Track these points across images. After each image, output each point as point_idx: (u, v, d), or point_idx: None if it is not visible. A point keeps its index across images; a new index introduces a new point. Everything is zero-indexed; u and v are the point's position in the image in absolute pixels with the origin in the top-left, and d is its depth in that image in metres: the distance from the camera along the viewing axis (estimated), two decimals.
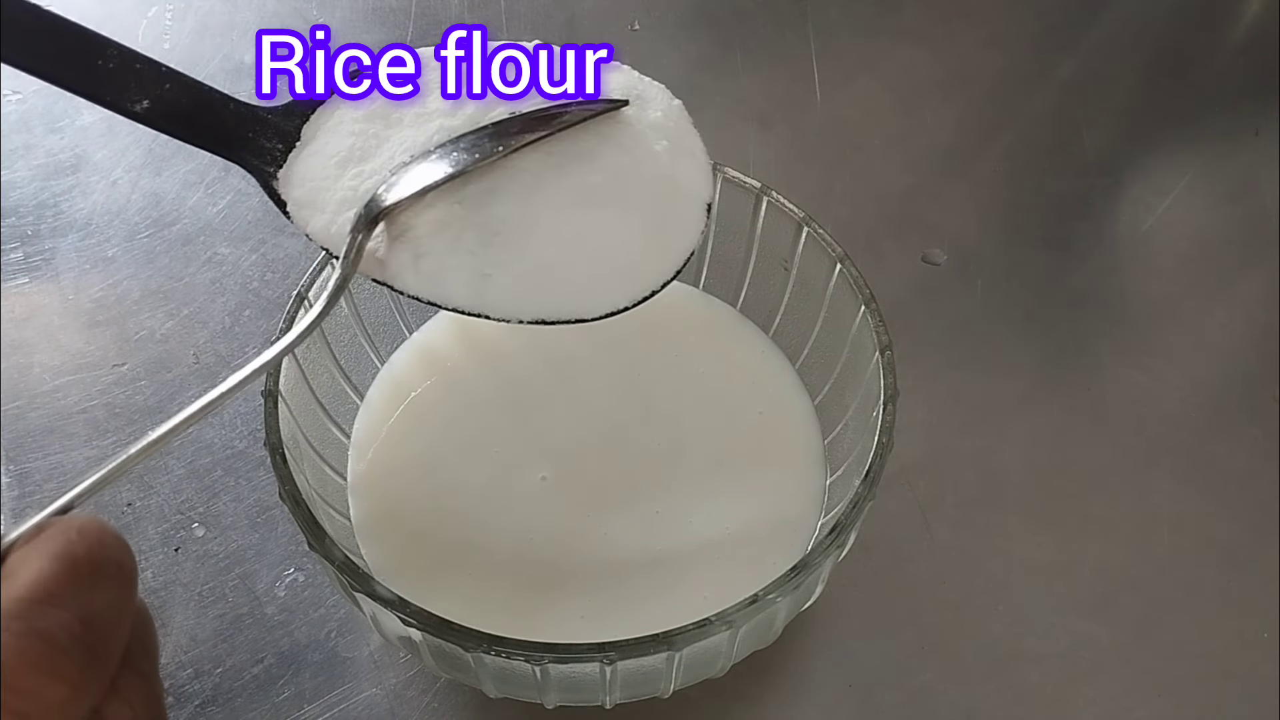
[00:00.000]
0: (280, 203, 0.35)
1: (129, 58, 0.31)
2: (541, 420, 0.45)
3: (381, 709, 0.42)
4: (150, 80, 0.32)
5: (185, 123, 0.33)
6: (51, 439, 0.48)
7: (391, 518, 0.42)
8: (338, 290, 0.32)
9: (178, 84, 0.32)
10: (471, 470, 0.43)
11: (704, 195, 0.37)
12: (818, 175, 0.61)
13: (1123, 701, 0.44)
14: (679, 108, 0.38)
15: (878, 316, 0.41)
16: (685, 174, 0.37)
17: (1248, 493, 0.50)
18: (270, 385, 0.38)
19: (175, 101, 0.32)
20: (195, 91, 0.33)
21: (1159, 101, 0.67)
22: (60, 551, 0.21)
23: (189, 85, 0.33)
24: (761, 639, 0.39)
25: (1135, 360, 0.54)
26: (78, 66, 0.30)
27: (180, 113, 0.33)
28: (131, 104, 0.31)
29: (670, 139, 0.37)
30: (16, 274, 0.54)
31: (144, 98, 0.32)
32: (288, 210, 0.35)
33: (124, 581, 0.22)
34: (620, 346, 0.47)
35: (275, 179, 0.35)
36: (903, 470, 0.49)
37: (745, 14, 0.69)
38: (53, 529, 0.22)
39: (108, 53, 0.31)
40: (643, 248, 0.35)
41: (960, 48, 0.69)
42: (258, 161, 0.35)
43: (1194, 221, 0.60)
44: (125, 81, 0.31)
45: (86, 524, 0.22)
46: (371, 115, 0.35)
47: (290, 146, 0.35)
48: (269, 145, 0.35)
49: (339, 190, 0.34)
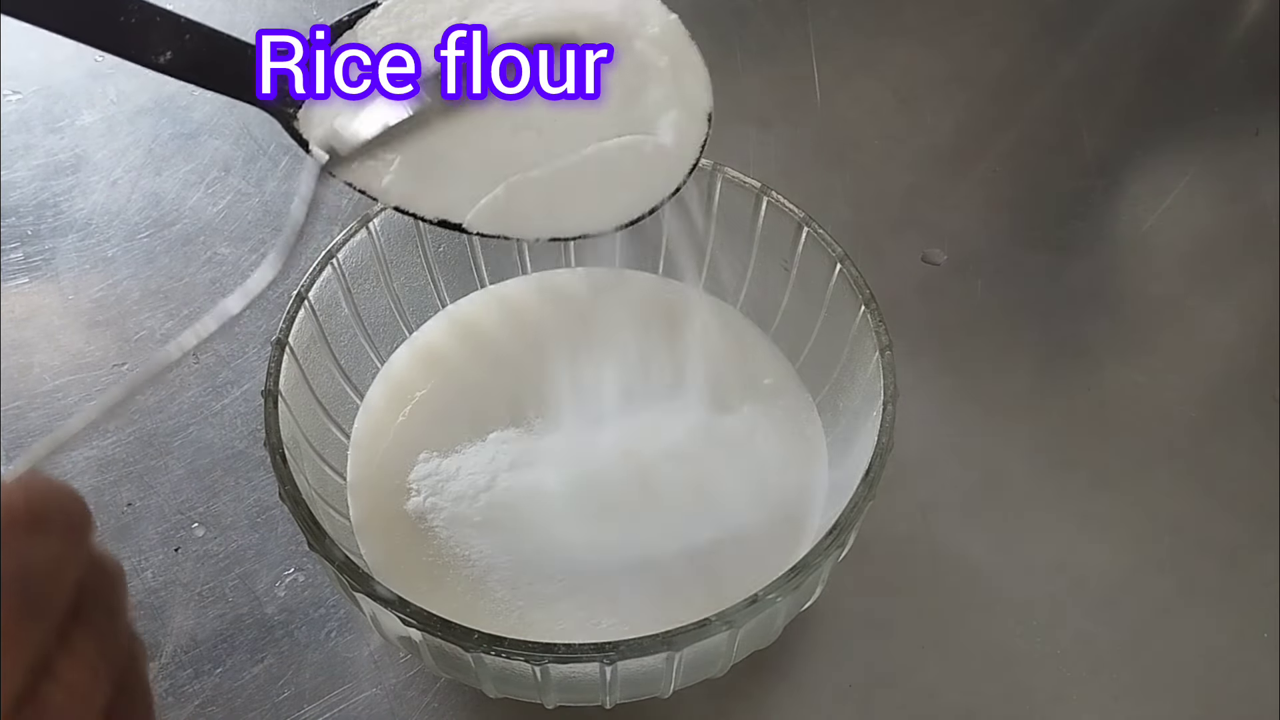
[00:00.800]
0: (303, 142, 0.35)
1: (149, 11, 0.32)
2: (542, 420, 0.45)
3: (381, 709, 0.42)
4: (171, 32, 0.33)
5: (208, 71, 0.34)
6: None
7: (391, 518, 0.42)
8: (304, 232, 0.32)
9: (197, 34, 0.33)
10: (472, 470, 0.43)
11: (705, 105, 0.38)
12: (818, 175, 0.61)
13: (1123, 701, 0.44)
14: (675, 22, 0.39)
15: (878, 316, 0.41)
16: (687, 87, 0.38)
17: (1248, 493, 0.50)
18: (270, 385, 0.38)
19: (196, 51, 0.33)
20: (214, 40, 0.34)
21: (1159, 101, 0.67)
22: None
23: (208, 34, 0.34)
24: (761, 639, 0.39)
25: (1135, 360, 0.54)
26: (102, 23, 0.31)
27: (202, 61, 0.33)
28: (155, 55, 0.32)
29: (670, 54, 0.38)
30: (16, 274, 0.54)
31: (166, 49, 0.33)
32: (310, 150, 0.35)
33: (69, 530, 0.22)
34: (620, 346, 0.47)
35: (295, 119, 0.35)
36: (903, 470, 0.49)
37: (745, 14, 0.69)
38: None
39: (129, 7, 0.32)
40: (649, 164, 0.36)
41: (960, 48, 0.69)
42: (278, 104, 0.35)
43: (1194, 221, 0.60)
44: (147, 34, 0.32)
45: (30, 477, 0.22)
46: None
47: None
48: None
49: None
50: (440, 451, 0.44)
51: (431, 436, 0.44)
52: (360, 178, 0.35)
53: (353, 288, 0.44)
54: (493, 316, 0.49)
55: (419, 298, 0.48)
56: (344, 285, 0.43)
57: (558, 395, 0.45)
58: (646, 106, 0.37)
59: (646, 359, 0.47)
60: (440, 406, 0.45)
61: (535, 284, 0.50)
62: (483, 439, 0.44)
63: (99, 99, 0.62)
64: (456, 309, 0.49)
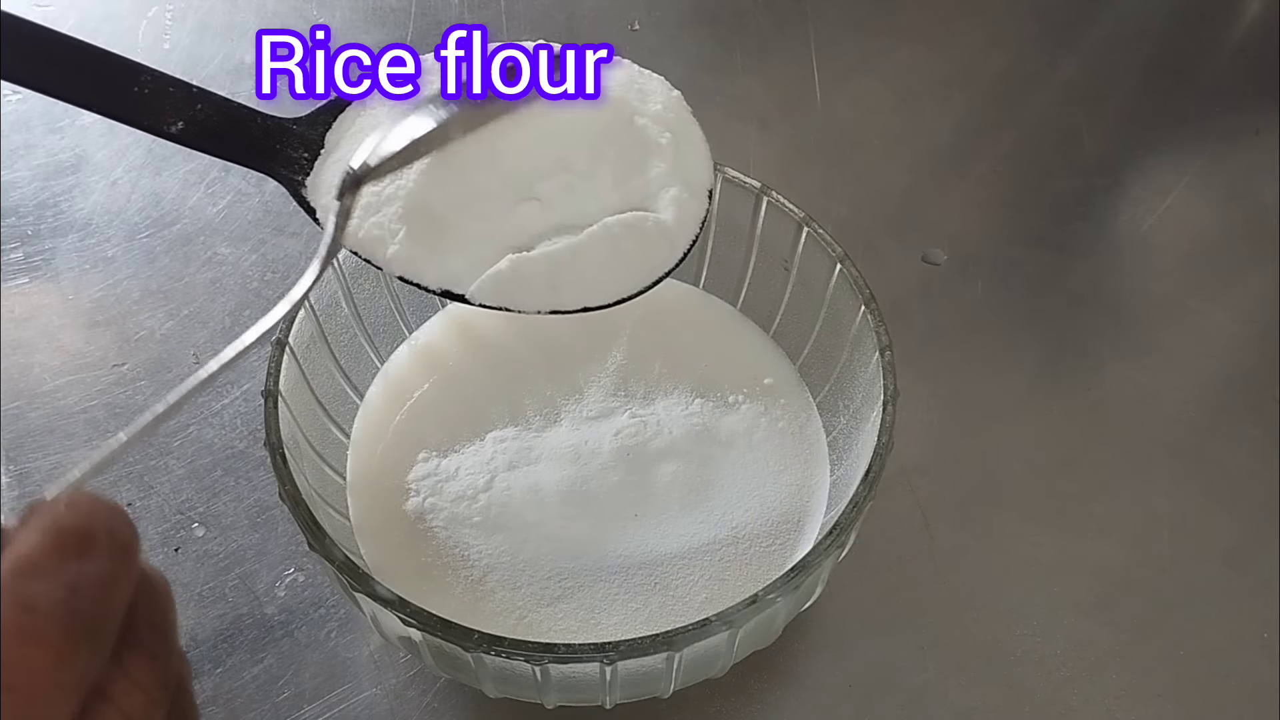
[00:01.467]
0: (310, 209, 0.36)
1: (162, 82, 0.33)
2: (541, 419, 0.45)
3: (381, 709, 0.42)
4: (183, 102, 0.33)
5: (218, 140, 0.34)
6: (51, 439, 0.48)
7: (391, 517, 0.42)
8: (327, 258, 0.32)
9: (208, 103, 0.34)
10: (471, 470, 0.43)
11: (706, 183, 0.38)
12: (818, 175, 0.61)
13: (1123, 702, 0.44)
14: (678, 99, 0.39)
15: (878, 316, 0.41)
16: (689, 165, 0.38)
17: (1248, 493, 0.50)
18: (270, 385, 0.38)
19: (207, 121, 0.34)
20: (225, 109, 0.34)
21: (1159, 101, 0.67)
22: (46, 525, 0.21)
23: (219, 104, 0.34)
24: (761, 639, 0.39)
25: (1135, 360, 0.54)
26: (116, 95, 0.32)
27: (212, 131, 0.34)
28: (167, 126, 0.33)
29: (672, 130, 0.37)
30: (16, 274, 0.54)
31: (178, 119, 0.33)
32: (317, 217, 0.36)
33: (117, 550, 0.22)
34: (621, 346, 0.47)
35: (304, 187, 0.36)
36: (903, 470, 0.49)
37: (745, 14, 0.69)
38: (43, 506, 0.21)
39: (142, 79, 0.32)
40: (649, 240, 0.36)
41: (961, 48, 0.69)
42: (286, 171, 0.36)
43: (1194, 221, 0.60)
44: (160, 105, 0.33)
45: (76, 497, 0.22)
46: (389, 120, 0.36)
47: (315, 154, 0.36)
48: (296, 155, 0.36)
49: (364, 196, 0.35)
50: (439, 451, 0.44)
51: (431, 436, 0.44)
52: (366, 247, 0.35)
53: (352, 288, 0.44)
54: (492, 316, 0.49)
55: (419, 298, 0.48)
56: (344, 285, 0.43)
57: (557, 395, 0.45)
58: (648, 182, 0.37)
59: (646, 359, 0.47)
60: (440, 406, 0.45)
61: None
62: (481, 439, 0.44)
63: None
64: (456, 308, 0.49)
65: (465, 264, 0.35)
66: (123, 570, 0.22)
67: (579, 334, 0.47)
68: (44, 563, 0.20)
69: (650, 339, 0.47)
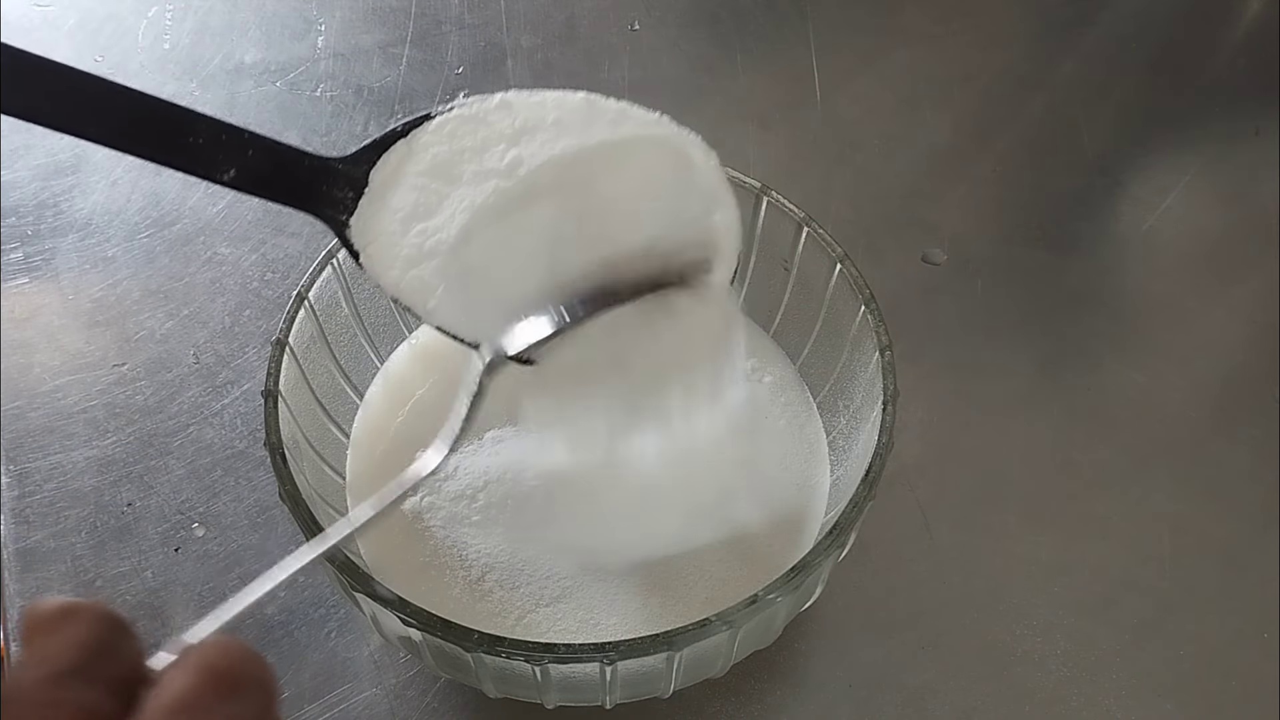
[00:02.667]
0: (354, 251, 0.36)
1: (215, 130, 0.33)
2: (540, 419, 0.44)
3: (381, 709, 0.42)
4: (235, 149, 0.34)
5: (266, 184, 0.35)
6: (51, 439, 0.48)
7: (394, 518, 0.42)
8: (468, 423, 0.34)
9: (259, 148, 0.34)
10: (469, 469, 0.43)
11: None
12: (818, 175, 0.61)
13: (1123, 702, 0.44)
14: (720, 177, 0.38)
15: (878, 316, 0.41)
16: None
17: (1248, 493, 0.50)
18: (270, 385, 0.38)
19: (259, 167, 0.34)
20: (274, 153, 0.35)
21: (1159, 101, 0.67)
22: (202, 666, 0.22)
23: (268, 148, 0.35)
24: (761, 639, 0.39)
25: (1135, 360, 0.54)
26: (174, 144, 0.33)
27: (264, 177, 0.35)
28: (220, 174, 0.33)
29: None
30: (16, 274, 0.54)
31: (231, 167, 0.34)
32: (360, 261, 0.36)
33: (263, 697, 0.23)
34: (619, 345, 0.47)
35: (348, 227, 0.36)
36: (903, 470, 0.49)
37: (745, 14, 0.69)
38: (198, 648, 0.23)
39: (198, 128, 0.33)
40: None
41: (960, 48, 0.69)
42: (331, 211, 0.36)
43: (1194, 221, 0.60)
44: (214, 154, 0.33)
45: (229, 642, 0.23)
46: (432, 170, 0.36)
47: (360, 193, 0.37)
48: (340, 194, 0.36)
49: (405, 247, 0.35)
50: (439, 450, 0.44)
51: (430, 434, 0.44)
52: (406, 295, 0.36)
53: (352, 288, 0.44)
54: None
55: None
56: (344, 285, 0.43)
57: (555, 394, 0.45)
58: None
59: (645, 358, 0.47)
60: (439, 405, 0.45)
61: None
62: (480, 438, 0.44)
63: None
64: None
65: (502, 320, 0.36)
66: (267, 715, 0.23)
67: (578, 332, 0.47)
68: (200, 702, 0.22)
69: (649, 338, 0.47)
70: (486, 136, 0.36)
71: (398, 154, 0.37)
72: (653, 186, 0.36)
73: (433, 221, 0.35)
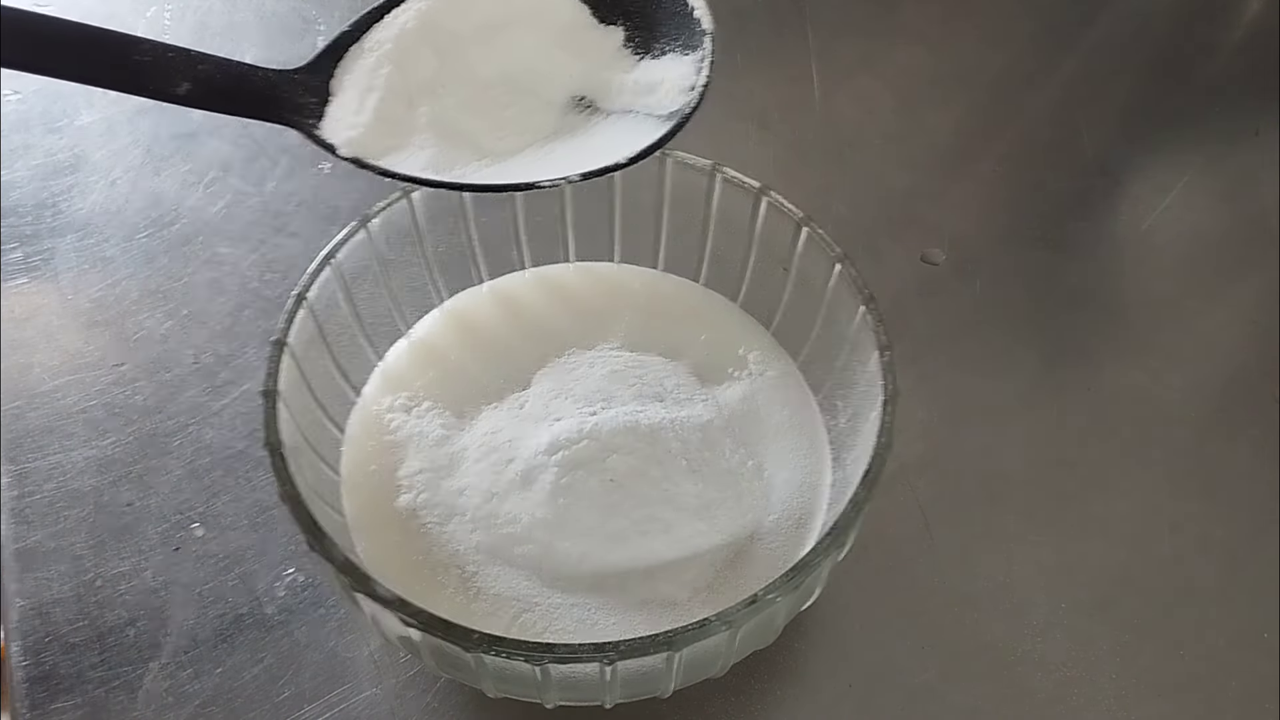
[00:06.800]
0: (329, 147, 0.37)
1: (160, 49, 0.34)
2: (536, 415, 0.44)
3: (381, 709, 0.42)
4: (185, 65, 0.34)
5: (226, 97, 0.35)
6: (51, 439, 0.48)
7: (388, 516, 0.42)
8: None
9: (210, 63, 0.35)
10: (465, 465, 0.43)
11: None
12: (818, 175, 0.61)
13: (1123, 701, 0.44)
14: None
15: (877, 316, 0.41)
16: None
17: (1248, 493, 0.50)
18: (270, 385, 0.38)
19: (212, 79, 0.35)
20: (227, 67, 0.35)
21: (1159, 101, 0.67)
22: None
23: (220, 63, 0.35)
24: (761, 639, 0.39)
25: (1135, 360, 0.54)
26: (120, 66, 0.33)
27: (220, 89, 0.35)
28: (173, 89, 0.34)
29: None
30: (16, 274, 0.54)
31: (184, 81, 0.34)
32: (339, 152, 0.37)
33: None
34: (618, 343, 0.47)
35: (319, 129, 0.37)
36: (903, 470, 0.49)
37: (745, 14, 0.69)
38: None
39: (141, 48, 0.33)
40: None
41: (960, 47, 0.69)
42: (298, 117, 0.37)
43: (1194, 221, 0.60)
44: (164, 70, 0.34)
45: None
46: (383, 58, 0.38)
47: (324, 99, 0.38)
48: (304, 101, 0.37)
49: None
50: (436, 446, 0.44)
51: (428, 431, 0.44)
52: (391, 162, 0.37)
53: (352, 288, 0.44)
54: (489, 311, 0.49)
55: (418, 298, 0.48)
56: (343, 286, 0.43)
57: (554, 392, 0.45)
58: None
59: (644, 357, 0.47)
60: (437, 401, 0.45)
61: (532, 280, 0.50)
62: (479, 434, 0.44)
63: (98, 99, 0.62)
64: (453, 304, 0.49)
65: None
66: None
67: (576, 330, 0.47)
68: None
69: (651, 336, 0.47)
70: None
71: (353, 55, 0.39)
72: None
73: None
